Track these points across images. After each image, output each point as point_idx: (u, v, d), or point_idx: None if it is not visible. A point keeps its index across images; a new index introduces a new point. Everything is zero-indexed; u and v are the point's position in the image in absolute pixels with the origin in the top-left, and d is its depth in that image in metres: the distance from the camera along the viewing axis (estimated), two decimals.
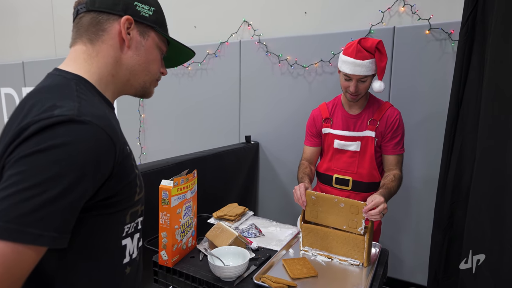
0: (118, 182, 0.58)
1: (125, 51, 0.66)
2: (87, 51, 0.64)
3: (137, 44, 0.67)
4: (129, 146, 0.63)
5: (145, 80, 0.70)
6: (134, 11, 0.65)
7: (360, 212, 1.17)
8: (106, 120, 0.56)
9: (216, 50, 2.61)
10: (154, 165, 1.64)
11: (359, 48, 1.36)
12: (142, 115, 3.10)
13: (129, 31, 0.65)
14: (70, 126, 0.51)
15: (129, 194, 0.62)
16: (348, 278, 1.12)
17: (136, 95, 0.73)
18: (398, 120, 1.47)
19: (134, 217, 0.65)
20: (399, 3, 2.01)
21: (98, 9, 0.64)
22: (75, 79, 0.61)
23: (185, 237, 1.21)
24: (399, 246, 2.11)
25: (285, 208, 2.46)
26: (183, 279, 1.14)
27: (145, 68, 0.69)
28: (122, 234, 0.64)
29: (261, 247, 1.31)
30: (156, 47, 0.70)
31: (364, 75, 1.37)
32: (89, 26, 0.64)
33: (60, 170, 0.49)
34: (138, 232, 0.69)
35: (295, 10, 2.34)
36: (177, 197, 1.13)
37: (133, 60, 0.67)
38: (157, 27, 0.69)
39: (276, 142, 2.46)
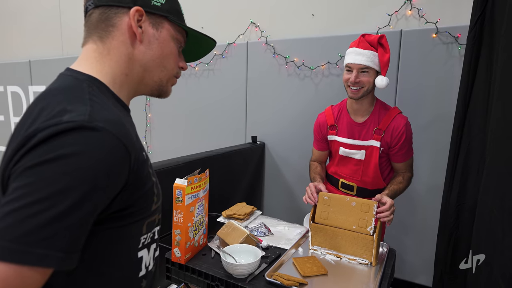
0: (133, 192, 0.54)
1: (137, 46, 0.61)
2: (98, 49, 0.60)
3: (150, 38, 0.61)
4: (146, 152, 0.60)
5: (161, 77, 0.65)
6: (145, 1, 0.60)
7: (370, 210, 1.19)
8: (120, 125, 0.51)
9: (224, 51, 2.64)
10: (164, 164, 1.67)
11: (362, 39, 1.40)
12: (149, 115, 3.13)
13: (140, 23, 0.60)
14: (81, 133, 0.46)
15: (146, 204, 0.58)
16: (357, 276, 1.14)
17: (152, 94, 0.67)
18: (405, 133, 1.44)
19: (151, 227, 0.61)
20: (406, 6, 2.03)
21: (106, 3, 0.59)
22: (87, 80, 0.57)
23: (197, 235, 1.23)
24: (404, 246, 2.13)
25: (291, 208, 2.48)
26: (195, 275, 1.17)
27: (159, 63, 0.63)
28: (138, 246, 0.59)
29: (271, 245, 1.33)
30: (172, 39, 0.64)
31: (365, 65, 1.37)
32: (98, 22, 0.60)
33: (69, 183, 0.44)
34: (154, 242, 0.65)
35: (302, 12, 2.37)
36: (191, 196, 1.16)
37: (146, 55, 0.61)
38: (172, 16, 0.63)
39: (282, 143, 2.49)
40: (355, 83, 1.39)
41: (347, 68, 1.42)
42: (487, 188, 1.19)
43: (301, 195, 2.43)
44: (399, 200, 2.10)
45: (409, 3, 2.02)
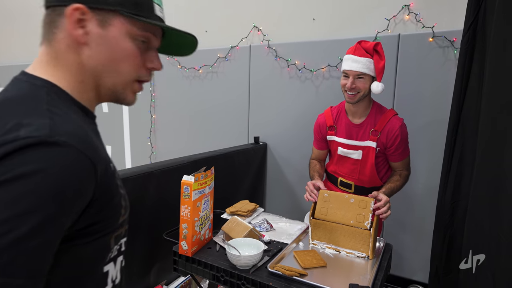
0: (101, 207, 0.50)
1: (84, 50, 0.53)
2: (49, 53, 0.54)
3: (97, 39, 0.53)
4: (113, 163, 0.56)
5: (115, 83, 0.56)
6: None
7: (368, 206, 1.26)
8: (84, 138, 0.47)
9: (227, 54, 2.71)
10: (170, 162, 1.74)
11: (358, 46, 1.46)
12: (153, 116, 3.20)
13: (84, 23, 0.52)
14: (42, 149, 0.42)
15: (114, 217, 0.54)
16: (354, 268, 1.20)
17: (110, 101, 0.59)
18: (400, 135, 1.50)
19: (118, 239, 0.58)
20: (404, 11, 2.10)
21: (51, 4, 0.53)
22: (46, 86, 0.51)
23: (203, 229, 1.30)
24: (402, 244, 2.19)
25: (292, 206, 2.54)
26: (201, 267, 1.23)
27: (111, 68, 0.55)
28: (105, 260, 0.56)
29: (273, 240, 1.40)
30: (127, 37, 0.55)
31: (361, 72, 1.43)
32: (46, 24, 0.54)
33: (31, 204, 0.40)
34: (121, 255, 0.62)
35: (304, 17, 2.44)
36: (197, 192, 1.23)
37: (93, 60, 0.54)
38: (124, 9, 0.53)
39: (284, 143, 2.56)
40: (351, 89, 1.45)
41: (344, 73, 1.49)
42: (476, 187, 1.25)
43: (302, 194, 2.49)
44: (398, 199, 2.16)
45: (406, 8, 2.09)
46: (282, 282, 1.09)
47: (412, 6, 2.07)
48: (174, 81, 3.02)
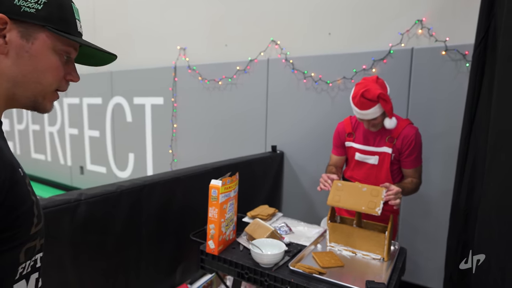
0: (8, 214, 0.47)
1: (4, 60, 0.53)
2: None
3: (18, 50, 0.53)
4: (22, 169, 0.53)
5: (36, 93, 0.57)
6: (11, 7, 0.52)
7: (379, 194, 1.34)
8: None
9: (246, 66, 2.85)
10: (195, 169, 1.86)
11: (362, 100, 1.50)
12: (175, 125, 3.36)
13: (4, 33, 0.52)
14: None
15: (23, 226, 0.51)
16: (370, 269, 1.28)
17: (26, 109, 0.60)
18: (414, 140, 1.59)
19: (31, 254, 0.53)
20: (417, 26, 2.19)
21: None
22: None
23: (228, 230, 1.41)
24: (418, 252, 2.23)
25: (308, 212, 2.62)
26: (227, 265, 1.33)
27: (33, 79, 0.55)
28: (14, 277, 0.51)
29: (292, 242, 1.49)
30: (51, 51, 0.56)
31: (373, 118, 1.53)
32: None
33: None
34: (36, 272, 0.56)
35: (320, 31, 2.56)
36: (224, 195, 1.34)
37: (13, 70, 0.54)
38: (50, 25, 0.55)
39: (300, 152, 2.65)
40: (368, 127, 1.59)
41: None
42: (486, 192, 1.32)
43: (317, 201, 2.57)
44: (414, 208, 2.22)
45: (419, 23, 2.18)
46: (302, 279, 1.18)
47: (425, 20, 2.16)
48: (195, 92, 3.18)
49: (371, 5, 2.34)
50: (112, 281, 1.42)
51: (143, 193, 1.53)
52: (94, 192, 1.34)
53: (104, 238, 1.37)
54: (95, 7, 4.06)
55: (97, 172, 4.21)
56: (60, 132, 4.59)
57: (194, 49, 3.22)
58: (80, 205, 1.27)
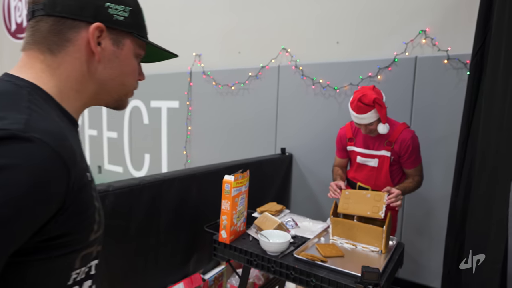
0: (70, 218, 0.46)
1: (94, 64, 0.55)
2: (45, 61, 0.53)
3: (110, 56, 0.56)
4: (90, 173, 0.53)
5: (120, 93, 0.60)
6: (106, 16, 0.54)
7: (381, 199, 1.47)
8: (61, 138, 0.45)
9: (257, 73, 3.00)
10: (209, 167, 2.02)
11: (359, 105, 1.63)
12: (189, 127, 3.53)
13: (99, 40, 0.54)
14: (12, 144, 0.40)
15: (84, 232, 0.50)
16: (368, 259, 1.40)
17: (107, 107, 0.62)
18: (411, 144, 1.70)
19: (86, 260, 0.53)
20: (421, 36, 2.30)
21: (61, 14, 0.51)
22: (28, 87, 0.50)
23: (239, 221, 1.55)
24: (420, 252, 2.32)
25: (314, 211, 2.74)
26: (237, 253, 1.47)
27: (119, 82, 0.59)
28: (67, 282, 0.50)
29: (298, 235, 1.61)
30: (132, 55, 0.59)
31: (369, 123, 1.66)
32: (49, 33, 0.52)
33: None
34: (90, 279, 0.56)
35: (328, 40, 2.69)
36: (236, 189, 1.48)
37: (104, 75, 0.56)
38: (135, 31, 0.58)
39: (308, 154, 2.78)
40: (365, 132, 1.71)
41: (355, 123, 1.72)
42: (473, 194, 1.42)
43: (324, 201, 2.69)
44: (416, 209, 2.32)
45: (423, 33, 2.29)
46: (305, 266, 1.31)
47: (429, 31, 2.28)
48: (209, 97, 3.35)
49: (377, 15, 2.46)
50: (133, 263, 1.57)
51: (163, 187, 1.69)
52: (120, 184, 1.50)
53: (128, 225, 1.53)
54: None
55: (114, 172, 4.41)
56: (80, 133, 4.82)
57: (209, 55, 3.40)
58: (108, 195, 1.43)
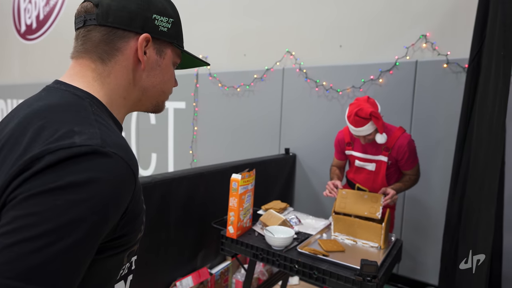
0: (129, 221, 0.50)
1: (140, 73, 0.59)
2: (96, 69, 0.56)
3: (153, 64, 0.60)
4: None
5: (159, 99, 0.64)
6: (153, 27, 0.57)
7: (378, 200, 1.55)
8: (129, 151, 0.49)
9: (262, 75, 3.09)
10: (216, 166, 2.11)
11: (356, 119, 1.67)
12: (195, 128, 3.63)
13: (145, 49, 0.57)
14: (95, 159, 0.43)
15: (134, 233, 0.54)
16: (368, 254, 1.48)
17: (146, 111, 0.67)
18: (408, 150, 1.76)
19: (130, 257, 0.57)
20: (421, 40, 2.38)
21: (112, 25, 0.55)
22: (88, 98, 0.53)
23: (245, 218, 1.63)
24: (418, 250, 2.40)
25: (317, 210, 2.82)
26: (244, 247, 1.56)
27: (160, 89, 0.63)
28: (116, 278, 0.55)
29: (301, 231, 1.70)
30: (171, 64, 0.64)
31: (367, 134, 1.71)
32: (100, 43, 0.55)
33: (81, 214, 0.41)
34: (131, 273, 0.61)
35: (332, 44, 2.77)
36: (243, 187, 1.56)
37: (147, 82, 0.60)
38: (176, 42, 0.62)
39: (311, 155, 2.86)
40: (364, 142, 1.76)
41: None
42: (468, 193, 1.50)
43: (326, 200, 2.77)
44: (416, 209, 2.39)
45: (424, 37, 2.36)
46: (308, 259, 1.39)
47: (429, 36, 2.35)
48: (215, 98, 3.44)
49: (379, 20, 2.54)
50: (145, 257, 1.67)
51: (172, 185, 1.78)
52: None
53: None
54: None
55: None
56: None
57: (215, 58, 3.49)
58: None
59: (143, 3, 0.56)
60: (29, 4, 5.75)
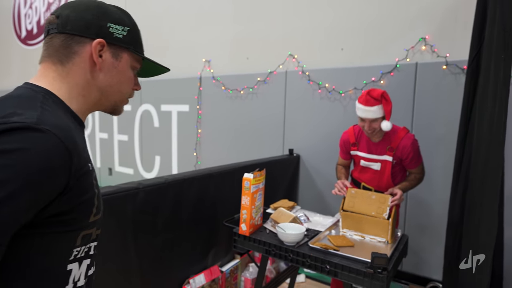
0: (72, 198, 0.55)
1: (97, 73, 0.65)
2: (57, 70, 0.64)
3: (109, 66, 0.66)
4: (91, 164, 0.62)
5: (116, 100, 0.71)
6: (107, 33, 0.65)
7: (386, 201, 1.61)
8: (66, 131, 0.54)
9: (266, 78, 3.16)
10: (225, 167, 2.16)
11: (367, 98, 1.75)
12: (199, 130, 3.68)
13: (101, 53, 0.64)
14: (26, 133, 0.50)
15: (84, 213, 0.58)
16: (376, 248, 1.54)
17: (105, 112, 0.73)
18: (412, 150, 1.81)
19: (86, 240, 0.61)
20: (421, 43, 2.46)
21: (71, 32, 0.63)
22: (43, 92, 0.61)
23: (257, 215, 1.69)
24: (422, 247, 2.46)
25: (321, 208, 2.86)
26: (256, 244, 1.61)
27: (117, 89, 0.69)
28: (69, 258, 0.59)
29: (310, 228, 1.76)
30: (129, 67, 0.70)
31: (374, 118, 1.76)
32: (60, 47, 0.63)
33: (8, 175, 0.47)
34: (89, 258, 0.64)
35: (333, 47, 2.85)
36: (255, 186, 1.62)
37: (104, 82, 0.67)
38: (132, 47, 0.69)
39: (315, 155, 2.92)
40: (369, 130, 1.80)
41: (360, 119, 1.82)
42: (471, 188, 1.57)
43: (330, 199, 2.83)
44: (418, 207, 2.46)
45: (423, 40, 2.44)
46: (320, 253, 1.45)
47: (428, 38, 2.43)
48: (219, 101, 3.50)
49: (380, 23, 2.62)
50: (159, 254, 1.72)
51: (184, 185, 1.83)
52: (149, 182, 1.65)
53: (155, 219, 1.67)
54: None
55: (124, 173, 4.56)
56: (91, 136, 4.97)
57: (218, 61, 3.56)
58: (139, 192, 1.58)
59: (99, 14, 0.65)
60: (29, 9, 5.78)
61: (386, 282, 1.29)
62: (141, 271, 1.60)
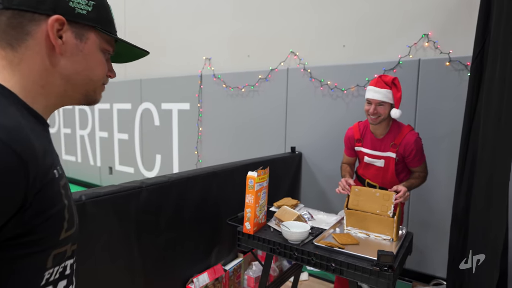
0: (35, 216, 0.45)
1: (57, 58, 0.54)
2: (6, 57, 0.52)
3: (73, 49, 0.55)
4: (58, 169, 0.52)
5: (87, 88, 0.59)
6: (66, 9, 0.53)
7: (390, 199, 1.60)
8: (15, 131, 0.44)
9: (267, 75, 3.14)
10: (228, 165, 2.15)
11: (379, 80, 1.79)
12: (200, 128, 3.67)
13: (61, 33, 0.53)
14: None
15: (52, 230, 0.49)
16: (381, 246, 1.53)
17: (79, 105, 0.62)
18: (415, 148, 1.81)
19: (59, 260, 0.52)
20: (424, 39, 2.44)
21: (19, 7, 0.50)
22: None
23: (261, 214, 1.68)
24: (426, 245, 2.46)
25: (324, 206, 2.85)
26: (261, 242, 1.60)
27: (86, 76, 0.58)
28: (40, 283, 0.50)
29: (314, 226, 1.75)
30: (98, 49, 0.58)
31: (381, 100, 1.76)
32: (8, 27, 0.51)
33: None
34: (65, 279, 0.55)
35: (335, 43, 2.83)
36: (259, 184, 1.61)
37: (68, 69, 0.55)
38: (99, 26, 0.57)
39: (317, 153, 2.91)
40: (373, 114, 1.79)
41: (368, 101, 1.83)
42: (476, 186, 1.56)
43: (333, 197, 2.83)
44: (422, 203, 2.45)
45: (426, 36, 2.43)
46: (325, 251, 1.44)
47: (431, 35, 2.41)
48: (220, 99, 3.48)
49: (382, 20, 2.60)
50: (162, 253, 1.71)
51: (188, 184, 1.82)
52: (152, 181, 1.64)
53: (158, 219, 1.66)
54: (126, 23, 4.43)
55: (125, 172, 4.54)
56: (91, 135, 4.95)
57: (219, 59, 3.54)
58: (142, 191, 1.56)
59: None
60: None
61: (392, 280, 1.28)
62: (144, 270, 1.59)
